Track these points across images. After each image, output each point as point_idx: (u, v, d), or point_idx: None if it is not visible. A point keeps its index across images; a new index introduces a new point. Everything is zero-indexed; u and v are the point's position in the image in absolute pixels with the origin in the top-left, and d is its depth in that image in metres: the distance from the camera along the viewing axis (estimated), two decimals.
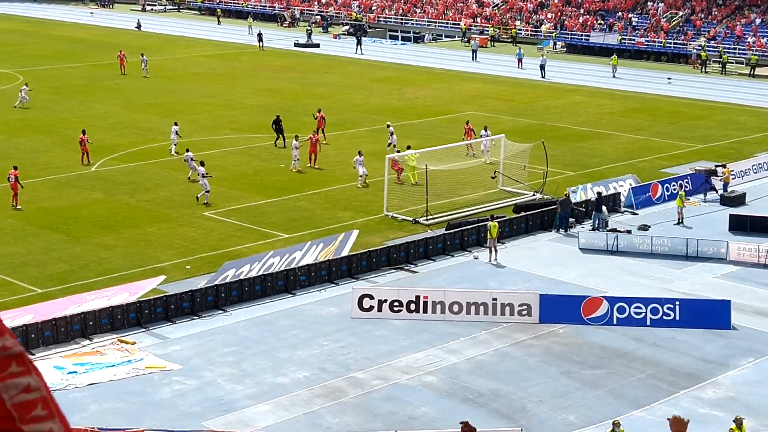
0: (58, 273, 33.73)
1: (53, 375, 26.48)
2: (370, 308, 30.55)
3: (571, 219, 38.83)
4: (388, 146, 48.61)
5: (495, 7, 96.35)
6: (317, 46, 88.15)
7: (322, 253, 34.21)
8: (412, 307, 30.50)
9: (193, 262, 34.87)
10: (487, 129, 49.19)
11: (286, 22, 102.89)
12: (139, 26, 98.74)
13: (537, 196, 41.82)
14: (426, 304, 30.49)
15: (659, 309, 30.09)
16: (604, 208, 38.77)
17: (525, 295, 30.71)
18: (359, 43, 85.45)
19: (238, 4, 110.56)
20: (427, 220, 39.26)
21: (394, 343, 28.84)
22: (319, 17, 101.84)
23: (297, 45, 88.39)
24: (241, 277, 31.97)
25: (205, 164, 42.52)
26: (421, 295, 30.62)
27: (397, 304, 30.54)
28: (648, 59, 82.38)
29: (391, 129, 49.71)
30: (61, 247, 36.22)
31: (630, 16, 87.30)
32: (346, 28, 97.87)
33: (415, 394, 25.85)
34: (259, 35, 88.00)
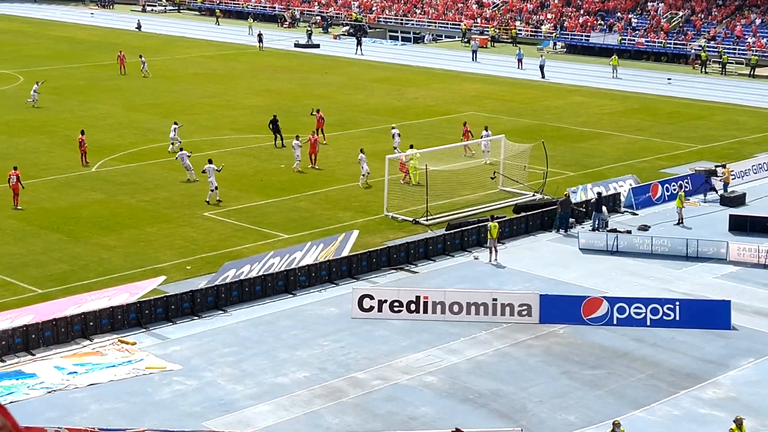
0: (59, 273, 33.75)
1: (53, 375, 26.50)
2: (371, 308, 30.57)
3: (571, 219, 38.84)
4: (395, 149, 48.53)
5: (495, 8, 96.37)
6: (317, 46, 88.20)
7: (323, 254, 34.23)
8: (413, 307, 30.52)
9: (194, 263, 34.89)
10: (488, 129, 49.20)
11: (286, 23, 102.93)
12: (139, 27, 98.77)
13: (537, 196, 41.84)
14: (426, 304, 30.50)
15: (659, 309, 30.11)
16: (604, 208, 38.79)
17: (525, 296, 30.72)
18: (359, 43, 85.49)
19: (238, 4, 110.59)
20: (428, 220, 39.28)
21: (395, 344, 28.86)
22: (319, 18, 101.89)
23: (297, 45, 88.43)
24: (242, 278, 31.99)
25: (213, 161, 42.54)
26: (421, 296, 30.64)
27: (397, 304, 30.56)
28: (648, 60, 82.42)
29: (397, 131, 49.48)
30: (62, 248, 36.24)
31: (630, 17, 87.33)
32: (346, 28, 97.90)
33: (416, 395, 25.86)
34: (259, 36, 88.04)
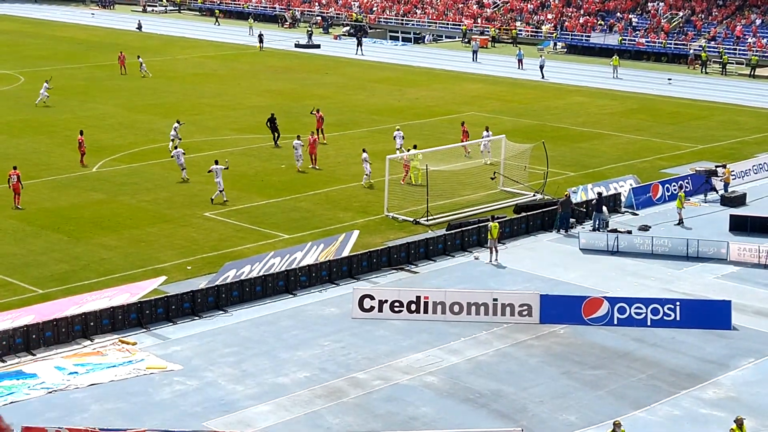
0: (59, 273, 33.76)
1: (54, 375, 26.51)
2: (371, 308, 30.58)
3: (572, 219, 38.85)
4: (397, 150, 48.61)
5: (495, 8, 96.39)
6: (318, 47, 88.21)
7: (323, 254, 34.24)
8: (413, 307, 30.53)
9: (194, 263, 34.90)
10: (488, 129, 49.21)
11: (287, 23, 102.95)
12: (139, 27, 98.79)
13: (537, 196, 41.86)
14: (426, 304, 30.51)
15: (660, 309, 30.11)
16: (604, 208, 38.80)
17: (525, 296, 30.73)
18: (360, 43, 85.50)
19: (239, 5, 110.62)
20: (428, 220, 39.29)
21: (395, 344, 28.87)
22: (319, 18, 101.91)
23: (297, 46, 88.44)
24: (242, 278, 32.00)
25: (218, 161, 42.55)
26: (421, 296, 30.65)
27: (397, 304, 30.57)
28: (648, 60, 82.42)
29: (401, 134, 49.43)
30: (62, 248, 36.25)
31: (630, 17, 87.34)
32: (347, 29, 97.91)
33: (416, 395, 25.87)
34: (260, 36, 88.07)
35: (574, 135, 54.98)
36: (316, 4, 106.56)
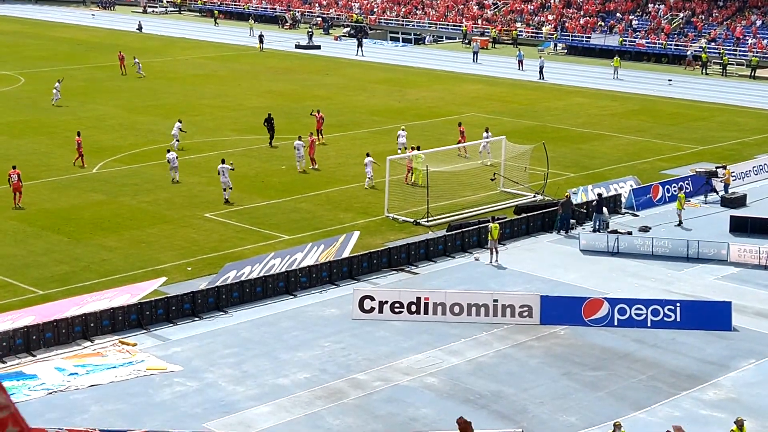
0: (60, 274, 33.76)
1: (54, 376, 26.51)
2: (371, 309, 30.57)
3: (572, 220, 38.84)
4: (403, 149, 48.75)
5: (496, 9, 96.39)
6: (318, 47, 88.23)
7: (323, 255, 34.23)
8: (413, 308, 30.52)
9: (195, 264, 34.90)
10: (488, 130, 49.21)
11: (287, 24, 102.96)
12: (140, 28, 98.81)
13: (538, 197, 41.86)
14: (427, 305, 30.51)
15: (660, 310, 30.11)
16: (604, 209, 38.80)
17: (526, 297, 30.72)
18: (360, 44, 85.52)
19: (239, 6, 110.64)
20: (428, 221, 39.28)
21: (395, 345, 28.86)
22: (320, 19, 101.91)
23: (298, 47, 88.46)
24: (242, 279, 32.00)
25: (225, 160, 42.53)
26: (422, 297, 30.64)
27: (398, 305, 30.56)
28: (648, 61, 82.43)
29: (404, 133, 49.57)
30: (62, 249, 36.25)
31: (630, 18, 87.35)
32: (347, 30, 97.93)
33: (416, 396, 25.87)
34: (260, 37, 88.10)
35: (574, 136, 54.98)
36: (317, 5, 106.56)
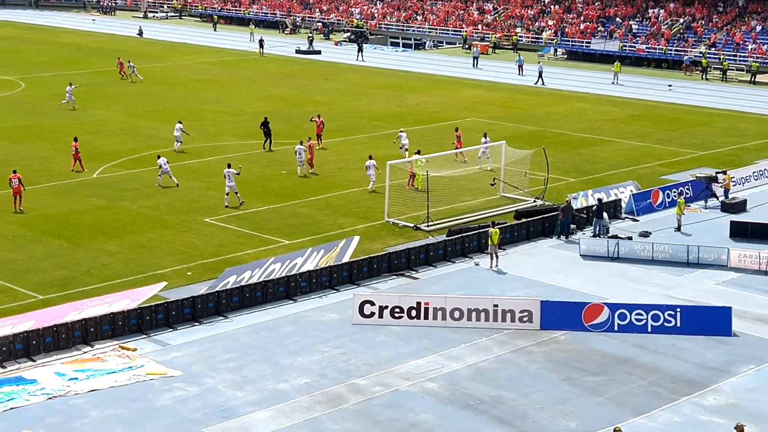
0: (60, 279, 33.77)
1: (54, 381, 26.50)
2: (371, 314, 30.57)
3: (572, 225, 38.85)
4: (402, 149, 49.04)
5: (496, 14, 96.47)
6: (318, 52, 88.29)
7: (323, 260, 34.23)
8: (413, 313, 30.52)
9: (195, 269, 34.90)
10: (487, 135, 49.28)
11: (288, 29, 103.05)
12: (140, 33, 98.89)
13: (538, 202, 41.87)
14: (427, 310, 30.51)
15: (660, 316, 30.10)
16: (605, 214, 38.80)
17: (526, 302, 30.72)
18: (360, 50, 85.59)
19: (240, 11, 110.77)
20: (428, 226, 39.29)
21: (395, 350, 28.86)
22: (320, 24, 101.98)
23: (298, 52, 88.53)
24: (242, 284, 32.00)
25: (231, 165, 42.62)
26: (422, 302, 30.64)
27: (398, 310, 30.56)
28: (649, 66, 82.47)
29: (404, 134, 49.99)
30: (63, 254, 36.26)
31: (630, 23, 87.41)
32: (348, 35, 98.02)
33: (416, 401, 25.86)
34: (260, 41, 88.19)
35: (574, 141, 55.00)
36: (317, 10, 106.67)
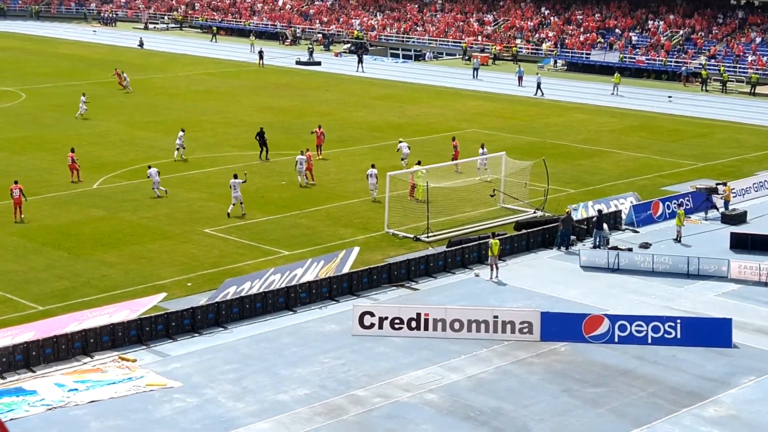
0: (60, 290, 33.76)
1: (54, 392, 26.47)
2: (371, 325, 30.55)
3: (573, 237, 38.85)
4: (403, 161, 49.24)
5: (496, 26, 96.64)
6: (319, 64, 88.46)
7: (323, 271, 34.23)
8: (413, 324, 30.51)
9: (195, 279, 34.90)
10: (484, 146, 49.37)
11: (288, 41, 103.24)
12: (141, 44, 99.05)
13: (538, 213, 41.89)
14: (427, 321, 30.49)
15: (660, 327, 30.08)
16: (605, 225, 38.80)
17: (526, 313, 30.70)
18: (360, 61, 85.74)
19: (240, 22, 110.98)
20: (428, 237, 39.29)
21: (395, 361, 28.84)
22: (320, 35, 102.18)
23: (298, 63, 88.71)
24: (242, 294, 31.99)
25: (237, 175, 42.67)
26: (422, 313, 30.63)
27: (398, 321, 30.55)
28: (648, 77, 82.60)
29: (406, 144, 50.22)
30: (63, 264, 36.26)
31: (630, 35, 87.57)
32: (348, 46, 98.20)
33: (416, 412, 25.83)
34: (260, 53, 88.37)
35: (574, 152, 55.05)
36: (317, 21, 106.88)
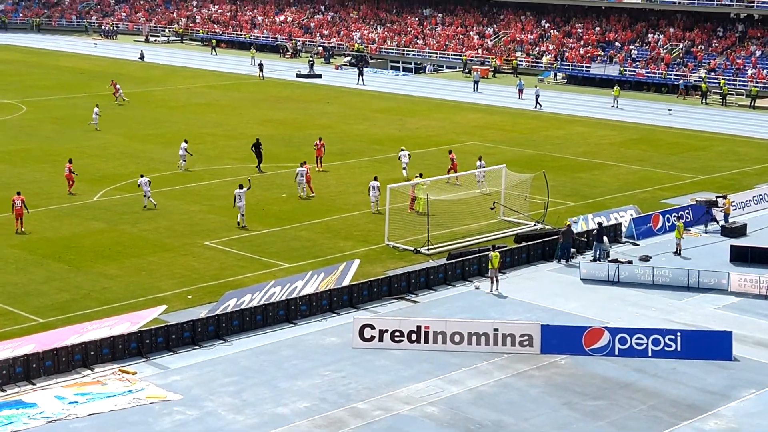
0: (60, 303, 33.76)
1: (54, 405, 26.46)
2: (371, 338, 30.55)
3: (573, 249, 38.87)
4: (404, 170, 49.48)
5: (496, 39, 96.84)
6: (319, 76, 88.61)
7: (323, 283, 34.25)
8: (414, 337, 30.50)
9: (195, 292, 34.90)
10: (482, 159, 49.45)
11: (288, 53, 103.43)
12: (142, 57, 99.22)
13: (538, 226, 41.91)
14: (427, 334, 30.48)
15: (661, 340, 30.08)
16: (605, 238, 38.84)
17: (526, 326, 30.70)
18: (361, 73, 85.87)
19: (241, 35, 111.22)
20: (429, 249, 39.31)
21: (395, 374, 28.83)
22: (321, 48, 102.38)
23: (299, 76, 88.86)
24: (243, 307, 31.99)
25: (243, 185, 42.77)
26: (422, 325, 30.62)
27: (398, 334, 30.54)
28: (648, 90, 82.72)
29: (407, 152, 50.67)
30: (63, 277, 36.27)
31: (630, 48, 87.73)
32: (348, 59, 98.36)
33: (416, 425, 25.81)
34: (260, 65, 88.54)
35: (574, 165, 55.11)
36: (318, 34, 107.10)
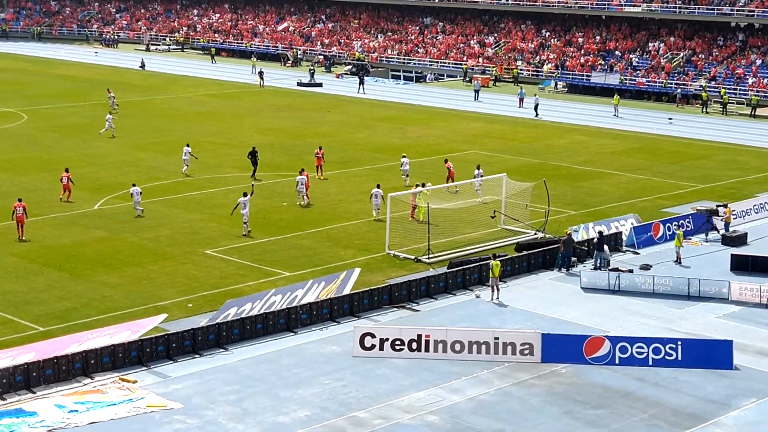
0: (60, 311, 33.75)
1: (54, 413, 26.43)
2: (372, 347, 30.52)
3: (573, 258, 38.86)
4: (404, 176, 49.75)
5: (497, 48, 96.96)
6: (320, 85, 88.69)
7: (324, 292, 34.24)
8: (414, 345, 30.48)
9: (195, 300, 34.89)
10: (480, 167, 49.49)
11: (289, 62, 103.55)
12: (143, 66, 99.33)
13: (539, 235, 41.91)
14: (428, 342, 30.46)
15: (661, 349, 30.06)
16: (605, 247, 38.82)
17: (527, 335, 30.68)
18: (361, 82, 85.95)
19: (242, 44, 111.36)
20: (429, 258, 39.31)
21: (396, 382, 28.80)
22: (321, 57, 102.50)
23: (300, 84, 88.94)
24: (243, 316, 31.98)
25: (247, 193, 42.86)
26: (422, 334, 30.60)
27: (398, 342, 30.52)
28: (649, 99, 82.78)
29: (407, 160, 51.05)
30: (64, 285, 36.27)
31: (631, 57, 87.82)
32: (349, 67, 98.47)
33: None
34: (260, 73, 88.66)
35: (575, 174, 55.13)
36: (318, 43, 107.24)
